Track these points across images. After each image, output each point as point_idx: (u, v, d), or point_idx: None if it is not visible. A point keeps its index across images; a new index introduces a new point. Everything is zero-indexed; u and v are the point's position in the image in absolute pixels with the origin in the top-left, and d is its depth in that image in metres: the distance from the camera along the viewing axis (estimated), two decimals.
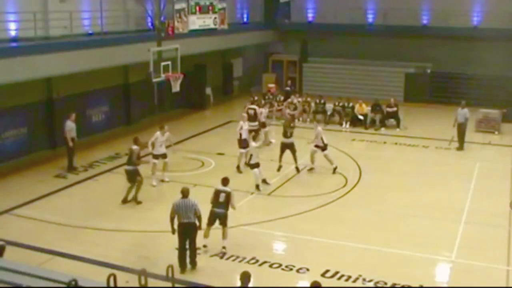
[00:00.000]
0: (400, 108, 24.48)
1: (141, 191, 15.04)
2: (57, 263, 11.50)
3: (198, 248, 11.50)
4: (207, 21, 23.73)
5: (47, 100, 19.83)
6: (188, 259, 11.30)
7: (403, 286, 10.86)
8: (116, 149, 19.68)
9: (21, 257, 10.34)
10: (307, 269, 11.47)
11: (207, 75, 27.94)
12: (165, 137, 16.57)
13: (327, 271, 11.35)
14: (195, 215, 11.15)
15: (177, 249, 11.39)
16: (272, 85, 27.58)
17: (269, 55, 33.12)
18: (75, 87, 20.37)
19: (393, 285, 10.91)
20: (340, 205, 15.27)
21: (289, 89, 27.42)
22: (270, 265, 11.66)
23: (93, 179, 17.16)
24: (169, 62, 19.02)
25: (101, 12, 19.79)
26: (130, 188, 14.99)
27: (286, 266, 11.61)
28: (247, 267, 10.86)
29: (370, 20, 31.09)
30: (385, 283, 10.95)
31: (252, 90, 29.66)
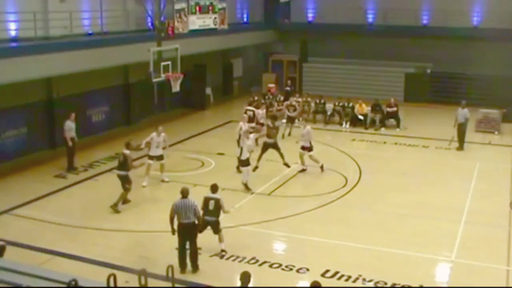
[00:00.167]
0: (400, 108, 24.47)
1: (141, 191, 14.96)
2: (57, 263, 11.50)
3: (199, 248, 11.47)
4: (207, 21, 23.80)
5: (47, 100, 19.82)
6: (188, 259, 11.26)
7: (403, 286, 10.86)
8: (116, 149, 19.56)
9: (21, 257, 10.33)
10: (307, 269, 11.47)
11: (207, 75, 27.92)
12: (161, 137, 16.43)
13: (327, 271, 11.35)
14: (195, 215, 11.14)
15: (177, 249, 11.37)
16: (272, 85, 27.59)
17: (269, 55, 33.11)
18: (75, 87, 20.36)
19: (393, 285, 10.91)
20: (340, 205, 15.27)
21: (289, 89, 27.38)
22: (270, 265, 11.65)
23: (93, 179, 17.16)
24: (169, 62, 19.06)
25: (101, 12, 19.81)
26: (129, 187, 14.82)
27: (286, 266, 11.60)
28: (247, 267, 10.86)
29: (370, 20, 31.10)
30: (385, 283, 10.95)
31: (252, 90, 29.66)
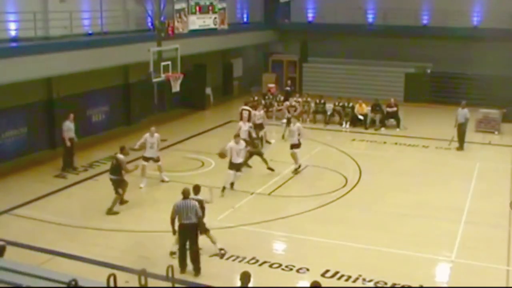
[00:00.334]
0: (400, 108, 24.47)
1: (140, 191, 14.93)
2: (57, 263, 11.50)
3: (200, 249, 11.46)
4: (207, 21, 23.80)
5: (47, 100, 19.81)
6: (189, 261, 11.19)
7: (403, 286, 10.86)
8: (116, 149, 19.43)
9: (21, 257, 10.32)
10: (307, 269, 11.47)
11: (207, 75, 27.90)
12: (154, 138, 16.29)
13: (327, 271, 11.35)
14: (196, 216, 11.12)
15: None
16: (272, 85, 27.57)
17: (269, 55, 33.09)
18: (75, 87, 20.35)
19: (393, 285, 10.91)
20: (340, 205, 15.26)
21: (289, 89, 27.37)
22: (270, 265, 11.65)
23: (93, 179, 17.14)
24: (169, 62, 19.06)
25: (101, 12, 19.80)
26: (123, 191, 14.59)
27: (286, 266, 11.60)
28: (247, 267, 10.86)
29: (370, 20, 31.09)
30: (385, 283, 10.94)
31: (252, 90, 29.67)
